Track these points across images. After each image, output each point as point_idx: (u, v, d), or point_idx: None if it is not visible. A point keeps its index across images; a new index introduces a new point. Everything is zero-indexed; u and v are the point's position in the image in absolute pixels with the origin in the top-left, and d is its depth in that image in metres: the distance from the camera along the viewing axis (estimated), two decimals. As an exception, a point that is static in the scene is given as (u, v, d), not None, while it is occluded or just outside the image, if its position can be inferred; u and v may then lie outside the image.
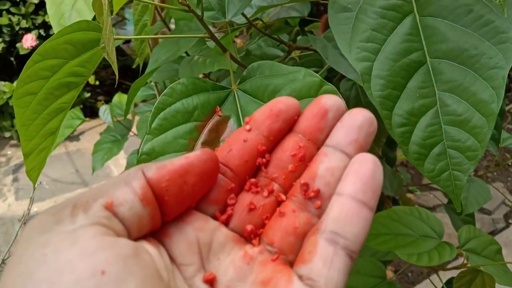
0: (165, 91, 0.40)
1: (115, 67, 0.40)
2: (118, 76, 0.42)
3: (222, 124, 0.42)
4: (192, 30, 0.60)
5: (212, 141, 0.41)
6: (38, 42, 2.44)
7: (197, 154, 0.24)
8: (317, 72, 0.82)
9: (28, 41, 2.39)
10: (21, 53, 2.46)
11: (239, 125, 0.42)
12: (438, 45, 0.40)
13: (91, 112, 2.98)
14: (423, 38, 0.41)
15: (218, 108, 0.42)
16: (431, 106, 0.39)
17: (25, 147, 0.49)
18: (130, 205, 0.22)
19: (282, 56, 0.79)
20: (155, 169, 0.23)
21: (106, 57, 0.41)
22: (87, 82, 0.96)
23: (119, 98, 1.53)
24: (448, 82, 0.39)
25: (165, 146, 0.39)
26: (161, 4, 0.49)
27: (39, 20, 2.50)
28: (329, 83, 0.38)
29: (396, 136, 0.39)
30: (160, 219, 0.23)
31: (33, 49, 2.43)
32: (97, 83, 2.90)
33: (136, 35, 0.52)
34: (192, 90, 0.41)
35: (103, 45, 0.42)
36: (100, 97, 3.14)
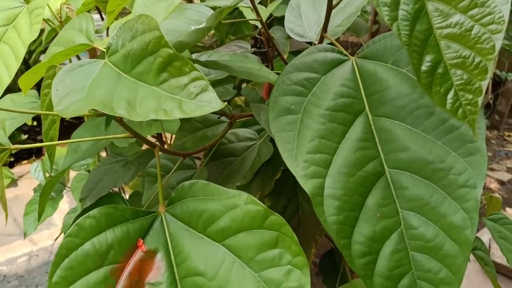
0: (69, 231, 0.32)
1: (6, 214, 0.31)
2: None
3: (147, 262, 0.34)
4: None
5: (135, 287, 0.33)
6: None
7: None
8: (261, 131, 0.76)
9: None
10: None
11: (169, 260, 0.34)
12: (397, 153, 0.34)
13: (28, 154, 2.77)
14: (379, 143, 0.35)
15: (141, 241, 0.34)
16: (394, 228, 0.33)
17: None
18: None
19: (224, 122, 0.72)
20: None
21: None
22: (25, 123, 0.86)
23: (53, 151, 1.40)
24: (412, 200, 0.33)
25: (71, 306, 0.31)
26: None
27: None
28: (276, 214, 0.31)
29: (357, 270, 0.32)
30: None
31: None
32: (35, 123, 2.71)
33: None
34: (106, 224, 0.33)
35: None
36: (39, 137, 2.94)
